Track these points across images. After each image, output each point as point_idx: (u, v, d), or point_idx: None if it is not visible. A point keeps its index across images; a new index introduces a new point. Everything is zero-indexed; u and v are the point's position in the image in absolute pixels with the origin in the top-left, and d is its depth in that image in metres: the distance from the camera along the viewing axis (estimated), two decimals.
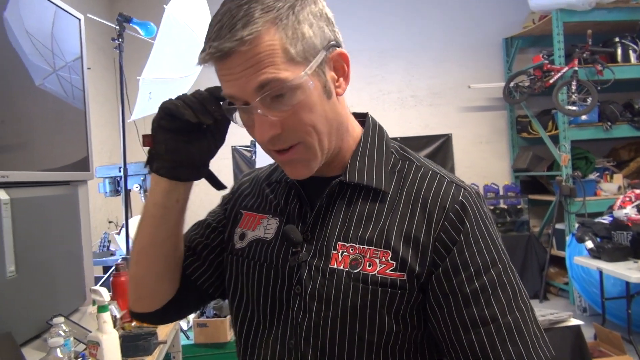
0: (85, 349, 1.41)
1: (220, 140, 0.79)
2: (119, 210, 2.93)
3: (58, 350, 1.22)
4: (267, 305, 0.80)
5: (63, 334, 1.33)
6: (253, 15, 0.64)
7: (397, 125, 5.67)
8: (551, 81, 4.69)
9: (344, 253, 0.74)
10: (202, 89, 0.76)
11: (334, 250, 0.74)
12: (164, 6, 2.85)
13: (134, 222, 2.65)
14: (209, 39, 0.67)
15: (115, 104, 4.39)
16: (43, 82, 1.76)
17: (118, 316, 1.73)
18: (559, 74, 4.62)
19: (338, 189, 0.78)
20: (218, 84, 0.73)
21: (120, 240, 2.64)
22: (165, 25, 2.60)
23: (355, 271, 0.72)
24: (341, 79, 0.74)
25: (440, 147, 5.67)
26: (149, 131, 0.79)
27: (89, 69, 2.11)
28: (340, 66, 0.74)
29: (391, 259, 0.71)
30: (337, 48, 0.73)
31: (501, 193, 5.40)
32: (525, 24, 5.46)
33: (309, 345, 0.74)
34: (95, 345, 1.35)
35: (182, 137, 0.75)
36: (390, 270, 0.71)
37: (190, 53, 2.76)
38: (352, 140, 0.79)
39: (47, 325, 1.50)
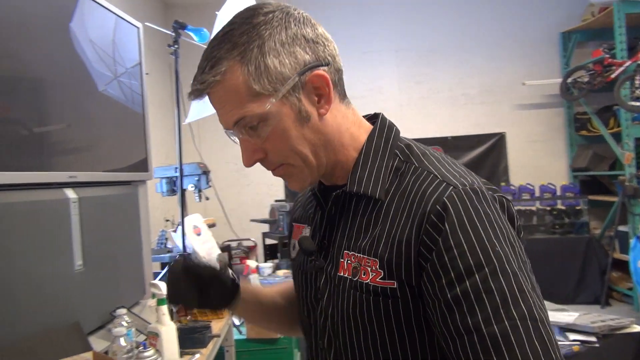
0: (145, 339, 1.48)
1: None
2: (175, 209, 3.04)
3: (121, 339, 1.30)
4: (304, 309, 0.87)
5: (125, 325, 1.41)
6: (219, 56, 0.71)
7: (447, 124, 5.58)
8: (612, 76, 4.47)
9: (348, 261, 0.76)
10: None
11: (341, 258, 0.77)
12: (216, 12, 2.96)
13: (189, 221, 2.76)
14: (194, 77, 0.73)
15: (171, 107, 4.57)
16: (105, 87, 1.87)
17: (175, 310, 1.81)
18: (621, 69, 4.40)
19: (344, 197, 0.80)
20: None
21: (177, 237, 2.75)
22: (217, 31, 2.69)
23: (354, 279, 0.74)
24: (322, 101, 0.75)
25: (494, 147, 5.52)
26: (202, 133, 0.87)
27: (147, 74, 2.22)
28: (321, 86, 0.74)
29: (379, 268, 0.71)
30: (317, 69, 0.73)
31: (558, 193, 5.19)
32: (584, 17, 5.23)
33: (331, 346, 0.80)
34: (154, 336, 1.43)
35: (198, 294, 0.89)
36: (380, 279, 0.71)
37: None
38: (352, 149, 0.80)
39: (111, 316, 1.60)
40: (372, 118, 0.85)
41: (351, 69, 5.70)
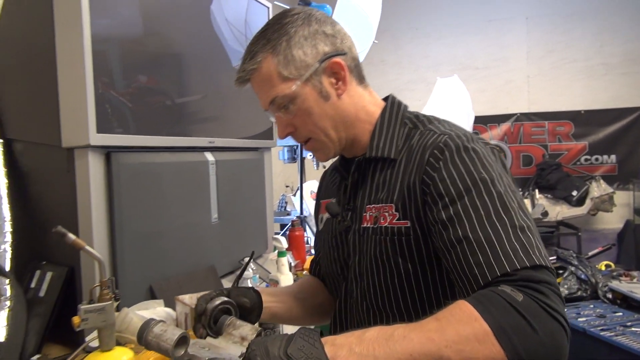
0: (268, 284, 1.70)
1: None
2: (295, 175, 3.29)
3: (248, 281, 1.52)
4: (337, 267, 1.01)
5: (251, 271, 1.64)
6: (256, 50, 0.89)
7: (580, 97, 5.14)
8: None
9: (370, 213, 0.91)
10: None
11: (364, 212, 0.92)
12: None
13: (307, 187, 2.97)
14: (238, 68, 0.93)
15: None
16: (238, 63, 2.09)
17: (293, 264, 2.02)
18: None
19: (365, 164, 0.95)
20: None
21: (296, 201, 2.99)
22: (340, 7, 2.80)
23: (375, 226, 0.89)
24: (340, 82, 0.91)
25: (634, 123, 4.98)
26: None
27: None
28: (338, 71, 0.90)
29: (394, 211, 0.86)
30: (334, 57, 0.89)
31: None
32: None
33: (357, 287, 0.95)
34: (275, 283, 1.63)
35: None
36: (396, 220, 0.86)
37: (362, 32, 2.92)
38: (368, 124, 0.95)
39: (239, 263, 1.85)
40: (386, 100, 1.00)
41: (473, 39, 5.48)
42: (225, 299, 0.91)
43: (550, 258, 2.66)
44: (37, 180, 1.50)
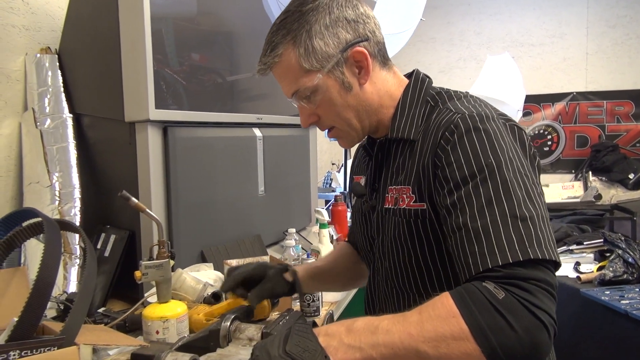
0: (310, 253, 1.80)
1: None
2: (341, 154, 3.35)
3: (291, 249, 1.62)
4: (367, 244, 1.05)
5: (294, 241, 1.73)
6: (277, 41, 0.87)
7: None
8: None
9: (391, 195, 0.92)
10: None
11: (387, 193, 0.93)
12: None
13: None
14: (259, 58, 0.92)
15: None
16: None
17: (335, 237, 2.10)
18: None
19: (388, 145, 0.95)
20: None
21: (340, 177, 3.06)
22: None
23: (395, 207, 0.90)
24: (362, 71, 0.89)
25: None
26: None
27: None
28: (360, 60, 0.88)
29: (411, 193, 0.86)
30: (357, 45, 0.87)
31: None
32: None
33: (382, 266, 0.98)
34: (316, 253, 1.72)
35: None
36: (413, 202, 0.86)
37: (409, 9, 2.91)
38: (391, 107, 0.94)
39: (284, 235, 1.95)
40: (410, 77, 0.98)
41: (529, 15, 5.28)
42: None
43: (597, 241, 2.62)
44: (102, 151, 1.65)
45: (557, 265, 0.71)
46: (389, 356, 0.67)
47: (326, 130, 0.96)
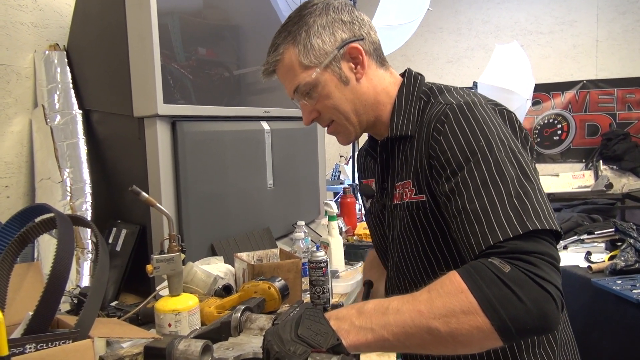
0: (319, 245, 1.80)
1: None
2: (349, 146, 3.34)
3: (300, 242, 1.63)
4: (382, 243, 1.09)
5: (304, 233, 1.74)
6: (278, 42, 0.95)
7: None
8: None
9: (398, 191, 0.95)
10: None
11: (394, 191, 0.97)
12: None
13: None
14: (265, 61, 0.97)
15: None
16: None
17: (344, 229, 2.11)
18: None
19: (390, 144, 0.98)
20: None
21: (348, 170, 3.06)
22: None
23: (401, 203, 0.94)
24: (358, 67, 0.94)
25: None
26: None
27: None
28: (356, 56, 0.93)
29: (412, 186, 0.90)
30: (352, 43, 0.92)
31: None
32: None
33: (394, 260, 1.01)
34: (325, 245, 1.73)
35: None
36: (414, 195, 0.90)
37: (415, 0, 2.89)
38: (389, 105, 0.98)
39: (293, 227, 1.96)
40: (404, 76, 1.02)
41: (538, 2, 5.21)
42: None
43: (608, 230, 2.60)
44: (112, 146, 1.66)
45: (558, 236, 0.73)
46: (401, 335, 0.68)
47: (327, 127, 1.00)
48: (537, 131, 5.38)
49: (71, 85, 1.69)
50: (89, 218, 1.59)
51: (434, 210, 0.86)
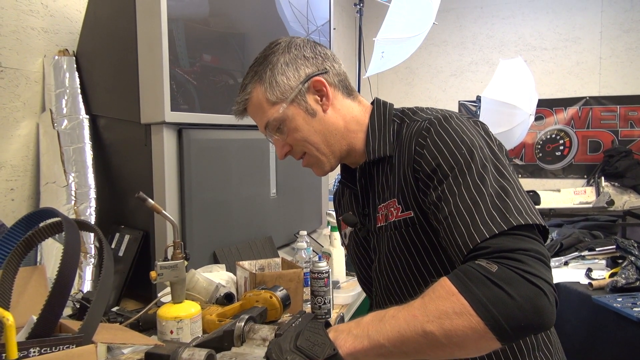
0: (321, 255, 1.80)
1: None
2: None
3: (302, 251, 1.63)
4: (365, 274, 1.09)
5: (306, 243, 1.74)
6: (246, 82, 0.99)
7: None
8: None
9: (381, 213, 0.96)
10: None
11: (377, 214, 0.98)
12: None
13: None
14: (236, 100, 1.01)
15: (353, 60, 4.86)
16: None
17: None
18: None
19: (368, 168, 1.00)
20: None
21: None
22: None
23: (386, 224, 0.94)
24: (324, 98, 0.97)
25: None
26: (380, 86, 1.09)
27: (334, 29, 2.47)
28: (320, 88, 0.97)
29: (398, 204, 0.91)
30: (315, 77, 0.96)
31: None
32: None
33: (381, 285, 1.00)
34: (327, 255, 1.73)
35: None
36: (401, 213, 0.91)
37: (422, 13, 2.91)
38: (360, 132, 1.01)
39: (295, 237, 1.96)
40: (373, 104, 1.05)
41: (543, 18, 5.25)
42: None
43: (609, 247, 2.60)
44: (118, 152, 1.68)
45: (544, 231, 0.75)
46: (396, 340, 0.69)
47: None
48: (539, 146, 5.39)
49: (79, 91, 1.71)
50: (92, 222, 1.59)
51: (423, 224, 0.88)
